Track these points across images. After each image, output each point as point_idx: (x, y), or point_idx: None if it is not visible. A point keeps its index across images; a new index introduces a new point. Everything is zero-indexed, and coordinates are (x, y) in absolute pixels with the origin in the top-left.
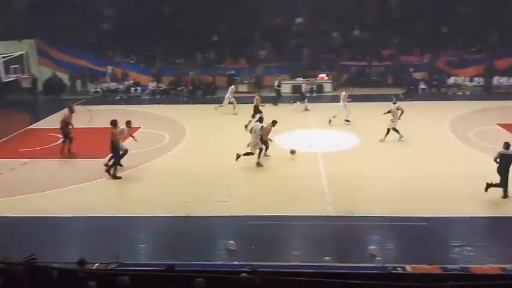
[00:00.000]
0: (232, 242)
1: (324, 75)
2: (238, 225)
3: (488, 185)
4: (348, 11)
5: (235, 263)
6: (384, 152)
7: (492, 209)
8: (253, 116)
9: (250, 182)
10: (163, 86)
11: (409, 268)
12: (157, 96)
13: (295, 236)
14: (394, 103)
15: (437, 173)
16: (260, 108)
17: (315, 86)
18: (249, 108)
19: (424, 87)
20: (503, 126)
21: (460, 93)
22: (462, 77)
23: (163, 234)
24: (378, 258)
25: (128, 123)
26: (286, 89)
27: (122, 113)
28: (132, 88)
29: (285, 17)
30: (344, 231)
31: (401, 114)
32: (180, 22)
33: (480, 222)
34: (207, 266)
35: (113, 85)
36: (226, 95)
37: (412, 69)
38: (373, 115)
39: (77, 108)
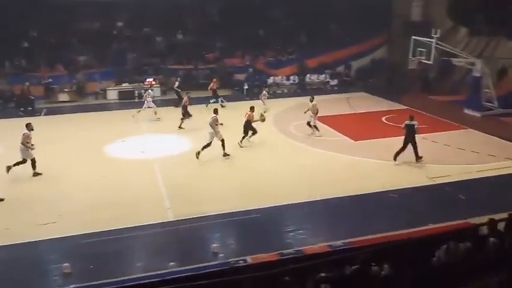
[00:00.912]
0: (66, 264)
1: (151, 79)
2: (73, 245)
3: (396, 154)
4: (169, 15)
5: (72, 286)
6: (216, 153)
7: (318, 193)
8: (183, 116)
9: (82, 197)
10: None
11: (249, 259)
12: None
13: (136, 248)
14: (311, 100)
15: (265, 166)
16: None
17: (143, 91)
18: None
19: (247, 87)
20: (318, 118)
21: (280, 91)
22: (280, 77)
23: None
24: (221, 254)
25: (29, 125)
26: (112, 95)
27: None
28: None
29: (104, 20)
30: (186, 234)
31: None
32: None
33: (309, 206)
34: None
35: None
36: (146, 100)
37: (251, 70)
38: (205, 116)
39: None
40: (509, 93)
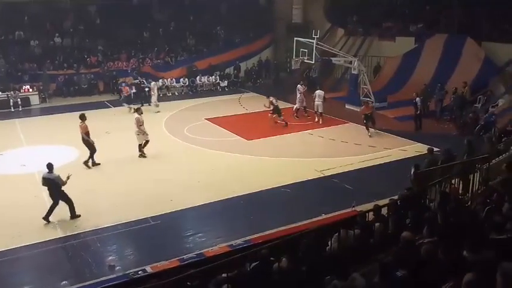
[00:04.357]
0: None
1: (27, 86)
2: None
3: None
4: (43, 17)
5: None
6: (107, 160)
7: (216, 194)
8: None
9: None
10: None
11: (149, 269)
12: None
13: (24, 269)
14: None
15: (163, 171)
16: None
17: (19, 100)
18: None
19: (134, 91)
20: (210, 120)
21: (170, 94)
22: (169, 79)
23: None
24: (118, 267)
25: (138, 109)
26: None
27: None
28: None
29: None
30: (79, 249)
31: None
32: None
33: (208, 208)
34: None
35: None
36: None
37: (135, 74)
38: (90, 123)
39: None
40: (383, 88)
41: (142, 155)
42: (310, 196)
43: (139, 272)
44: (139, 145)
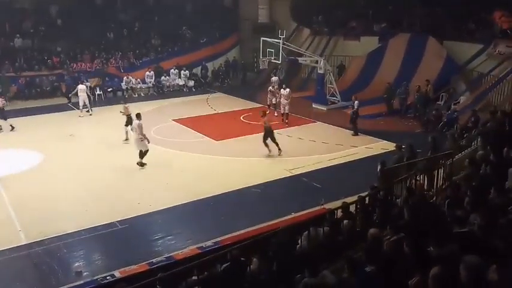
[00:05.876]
0: None
1: None
2: None
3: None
4: (2, 18)
5: None
6: (71, 165)
7: (185, 196)
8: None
9: None
10: None
11: (118, 273)
12: None
13: None
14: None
15: (129, 174)
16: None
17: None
18: None
19: (99, 93)
20: (178, 121)
21: (136, 96)
22: (133, 78)
23: None
24: (86, 273)
25: (139, 115)
26: None
27: None
28: None
29: None
30: (44, 256)
31: None
32: None
33: (176, 210)
34: None
35: None
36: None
37: (82, 77)
38: (52, 126)
39: None
40: (349, 88)
41: (141, 163)
42: (280, 195)
43: (108, 277)
44: (140, 151)
